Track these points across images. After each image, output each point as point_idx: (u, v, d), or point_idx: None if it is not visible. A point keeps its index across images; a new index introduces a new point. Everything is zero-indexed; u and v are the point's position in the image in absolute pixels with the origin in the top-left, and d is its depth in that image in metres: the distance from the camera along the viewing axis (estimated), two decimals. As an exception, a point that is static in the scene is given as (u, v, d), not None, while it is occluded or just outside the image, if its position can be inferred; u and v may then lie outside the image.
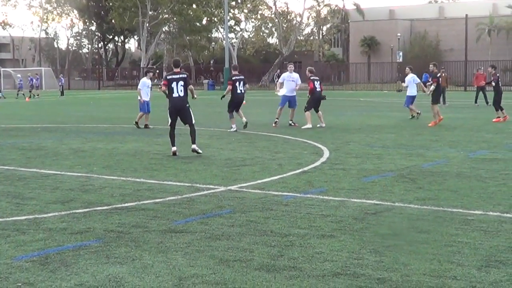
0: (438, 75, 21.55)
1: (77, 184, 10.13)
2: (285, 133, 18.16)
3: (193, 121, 13.53)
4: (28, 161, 12.94)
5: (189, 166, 11.94)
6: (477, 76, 33.99)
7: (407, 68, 25.33)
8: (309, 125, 19.66)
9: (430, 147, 14.73)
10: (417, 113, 23.56)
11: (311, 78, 20.31)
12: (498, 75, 23.27)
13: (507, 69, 54.31)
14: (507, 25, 75.74)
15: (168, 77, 13.56)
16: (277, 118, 20.48)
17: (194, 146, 13.35)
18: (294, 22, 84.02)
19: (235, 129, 18.77)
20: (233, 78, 18.95)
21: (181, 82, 13.38)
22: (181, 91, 13.35)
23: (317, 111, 20.37)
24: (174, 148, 13.40)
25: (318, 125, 19.93)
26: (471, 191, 9.32)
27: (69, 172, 11.41)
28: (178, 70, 13.78)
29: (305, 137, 16.84)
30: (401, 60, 70.26)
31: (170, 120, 13.58)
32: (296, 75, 20.81)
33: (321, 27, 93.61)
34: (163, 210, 8.17)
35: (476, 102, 31.92)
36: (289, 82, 20.53)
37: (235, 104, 19.04)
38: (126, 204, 8.56)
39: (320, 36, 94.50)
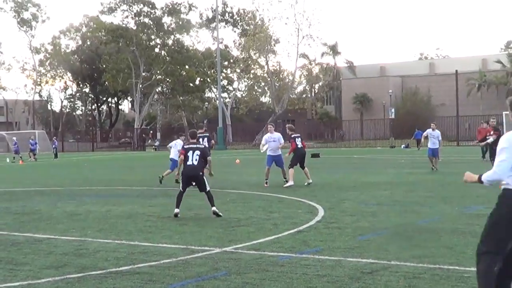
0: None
1: (71, 248, 10.06)
2: (279, 192, 18.13)
3: (208, 188, 13.51)
4: (21, 225, 12.85)
5: (183, 228, 11.89)
6: (480, 131, 34.09)
7: (432, 124, 26.59)
8: (291, 183, 19.61)
9: (424, 204, 14.73)
10: (434, 166, 25.11)
11: (292, 136, 20.36)
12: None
13: (498, 124, 54.78)
14: (497, 80, 76.69)
15: (185, 147, 13.92)
16: (267, 179, 20.37)
17: (214, 208, 13.30)
18: (287, 80, 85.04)
19: None
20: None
21: (197, 152, 13.58)
22: (195, 160, 13.49)
23: (303, 167, 20.30)
24: (177, 210, 13.33)
25: (305, 183, 19.91)
26: (466, 248, 9.29)
27: (63, 236, 11.34)
28: (195, 141, 14.21)
29: (299, 196, 16.82)
30: (393, 116, 70.84)
31: (181, 186, 13.64)
32: (277, 135, 20.65)
33: (313, 85, 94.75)
34: (158, 274, 8.10)
35: (484, 156, 31.30)
36: (271, 142, 20.53)
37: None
38: (120, 268, 8.48)
39: (313, 94, 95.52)
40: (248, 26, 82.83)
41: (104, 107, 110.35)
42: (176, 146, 21.70)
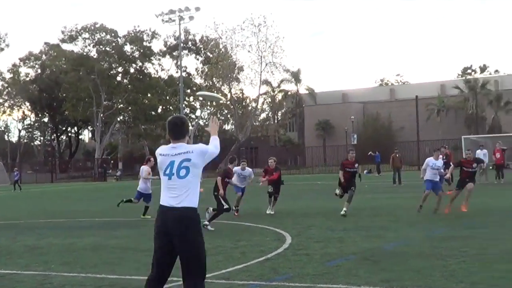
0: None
1: (34, 283, 9.81)
2: (245, 220, 18.06)
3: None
4: (-19, 260, 12.54)
5: (151, 259, 11.68)
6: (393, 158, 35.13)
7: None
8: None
9: (389, 228, 14.81)
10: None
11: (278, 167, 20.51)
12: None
13: (457, 147, 55.52)
14: (455, 105, 77.96)
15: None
16: (237, 206, 20.19)
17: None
18: (250, 108, 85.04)
19: None
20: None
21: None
22: None
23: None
24: None
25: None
26: (433, 270, 9.37)
27: (25, 271, 11.06)
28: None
29: (266, 224, 16.77)
30: (355, 142, 71.40)
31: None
32: (249, 171, 20.37)
33: (276, 112, 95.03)
34: (126, 306, 7.96)
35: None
36: (241, 177, 20.11)
37: None
38: (87, 301, 8.31)
39: (276, 121, 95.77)
40: (211, 54, 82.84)
41: (64, 137, 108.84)
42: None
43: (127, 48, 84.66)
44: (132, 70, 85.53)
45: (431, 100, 77.95)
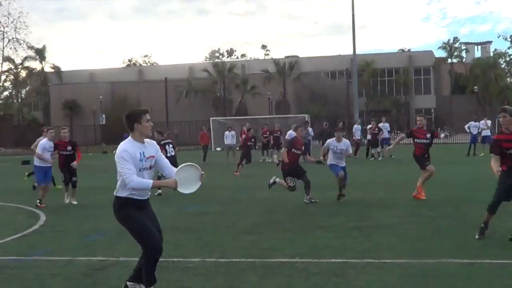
0: None
1: None
2: (-6, 199, 17.53)
3: None
4: None
5: None
6: (202, 135, 36.89)
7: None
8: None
9: (143, 205, 15.30)
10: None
11: (162, 142, 18.09)
12: None
13: (201, 129, 57.70)
14: (203, 87, 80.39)
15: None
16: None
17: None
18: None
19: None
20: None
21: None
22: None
23: None
24: None
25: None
26: (188, 242, 10.06)
27: None
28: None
29: (17, 202, 16.44)
30: (104, 122, 70.98)
31: None
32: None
33: (20, 90, 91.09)
34: None
35: (204, 159, 34.42)
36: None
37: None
38: None
39: (19, 100, 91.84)
40: None
41: None
42: None
43: None
44: None
45: (180, 82, 79.66)
